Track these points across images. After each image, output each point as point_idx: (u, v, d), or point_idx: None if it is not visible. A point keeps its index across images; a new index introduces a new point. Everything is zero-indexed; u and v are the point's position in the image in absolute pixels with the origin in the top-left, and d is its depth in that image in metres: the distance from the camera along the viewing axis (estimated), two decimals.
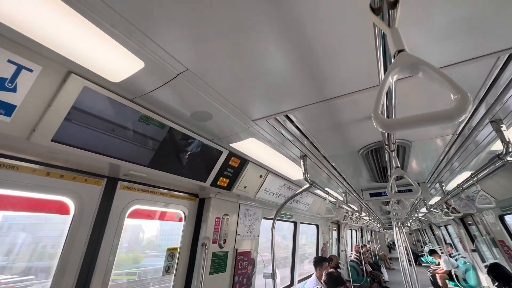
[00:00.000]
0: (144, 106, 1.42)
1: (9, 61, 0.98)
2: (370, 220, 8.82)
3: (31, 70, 1.04)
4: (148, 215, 2.24)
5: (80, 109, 1.22)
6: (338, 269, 5.33)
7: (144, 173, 1.72)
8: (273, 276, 2.46)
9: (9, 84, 1.01)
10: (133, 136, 1.47)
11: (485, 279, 5.61)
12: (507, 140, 1.68)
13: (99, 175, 1.78)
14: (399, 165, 1.37)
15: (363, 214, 6.83)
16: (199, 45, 1.00)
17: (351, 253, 7.98)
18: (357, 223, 7.45)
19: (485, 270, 5.17)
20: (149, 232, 2.70)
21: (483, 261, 5.81)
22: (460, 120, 0.39)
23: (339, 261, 5.90)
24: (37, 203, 1.54)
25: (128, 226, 2.01)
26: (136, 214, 2.09)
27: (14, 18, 0.85)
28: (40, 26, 0.89)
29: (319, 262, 4.04)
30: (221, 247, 2.60)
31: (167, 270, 2.24)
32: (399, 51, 0.47)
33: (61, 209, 1.62)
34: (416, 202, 5.60)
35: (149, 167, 1.65)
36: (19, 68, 1.01)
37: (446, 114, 0.40)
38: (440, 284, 6.84)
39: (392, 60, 0.49)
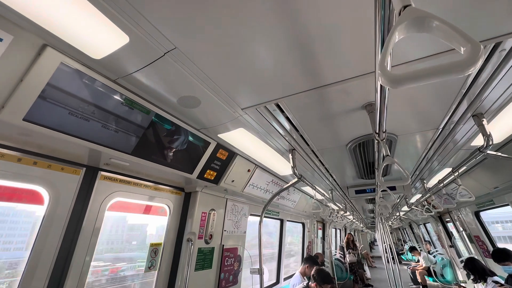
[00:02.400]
0: (128, 89, 1.34)
1: None
2: (353, 219, 9.00)
3: (0, 40, 0.94)
4: (131, 209, 2.13)
5: (57, 87, 1.12)
6: (323, 267, 5.38)
7: (127, 161, 1.63)
8: (260, 271, 2.42)
9: None
10: (115, 120, 1.38)
11: (460, 274, 5.87)
12: (488, 133, 1.74)
13: (77, 163, 1.66)
14: (389, 154, 1.38)
15: (347, 213, 6.96)
16: (189, 22, 0.95)
17: (335, 251, 8.10)
18: (342, 220, 7.57)
19: (461, 265, 5.41)
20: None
21: (459, 256, 6.08)
22: (472, 70, 0.38)
23: (324, 259, 5.96)
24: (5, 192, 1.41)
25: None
26: (118, 207, 1.98)
27: None
28: None
29: (308, 260, 4.01)
30: (207, 243, 2.53)
31: (150, 266, 2.14)
32: (405, 6, 0.45)
33: (34, 198, 1.49)
34: (398, 200, 5.78)
35: (133, 155, 1.56)
36: None
37: (457, 64, 0.38)
38: (419, 280, 7.09)
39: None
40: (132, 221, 2.38)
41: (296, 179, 2.41)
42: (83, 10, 0.89)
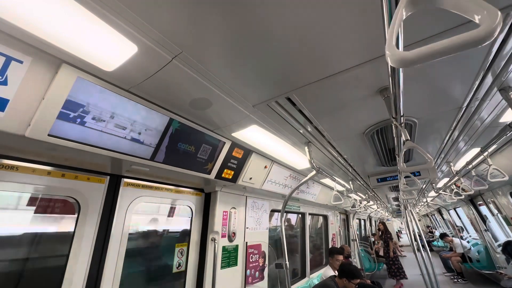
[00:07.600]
0: (141, 97, 1.38)
1: None
2: (377, 209, 8.74)
3: (21, 62, 1.00)
4: (155, 212, 2.21)
5: (76, 102, 1.18)
6: (350, 259, 5.29)
7: (146, 167, 1.69)
8: (285, 266, 2.43)
9: None
10: (132, 128, 1.43)
11: (498, 258, 5.54)
12: None
13: (101, 172, 1.75)
14: (409, 138, 1.32)
15: (371, 202, 6.77)
16: (194, 25, 0.96)
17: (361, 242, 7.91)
18: (366, 210, 7.37)
19: (499, 249, 5.11)
20: None
21: (496, 240, 5.74)
22: (490, 41, 0.35)
23: (350, 251, 5.85)
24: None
25: None
26: (143, 212, 2.06)
27: None
28: (28, 14, 0.85)
29: (331, 252, 3.97)
30: (230, 240, 2.57)
31: (178, 266, 2.21)
32: None
33: (66, 209, 1.59)
34: (424, 186, 5.53)
35: (152, 160, 1.61)
36: (8, 59, 0.97)
37: (473, 36, 0.35)
38: (454, 268, 6.78)
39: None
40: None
41: (314, 172, 2.38)
42: (92, 25, 0.92)
